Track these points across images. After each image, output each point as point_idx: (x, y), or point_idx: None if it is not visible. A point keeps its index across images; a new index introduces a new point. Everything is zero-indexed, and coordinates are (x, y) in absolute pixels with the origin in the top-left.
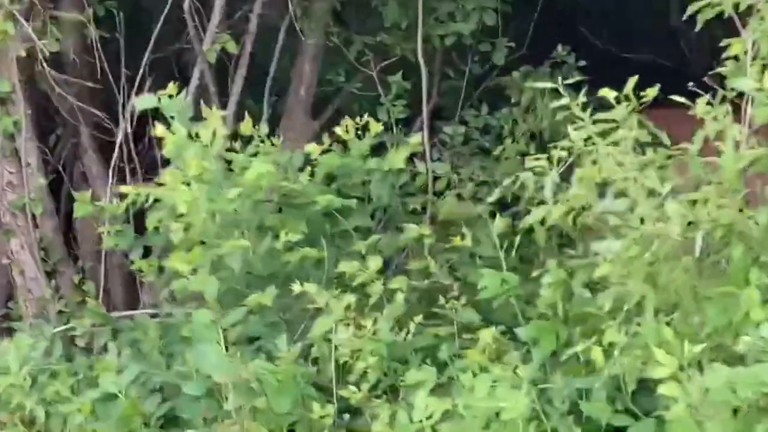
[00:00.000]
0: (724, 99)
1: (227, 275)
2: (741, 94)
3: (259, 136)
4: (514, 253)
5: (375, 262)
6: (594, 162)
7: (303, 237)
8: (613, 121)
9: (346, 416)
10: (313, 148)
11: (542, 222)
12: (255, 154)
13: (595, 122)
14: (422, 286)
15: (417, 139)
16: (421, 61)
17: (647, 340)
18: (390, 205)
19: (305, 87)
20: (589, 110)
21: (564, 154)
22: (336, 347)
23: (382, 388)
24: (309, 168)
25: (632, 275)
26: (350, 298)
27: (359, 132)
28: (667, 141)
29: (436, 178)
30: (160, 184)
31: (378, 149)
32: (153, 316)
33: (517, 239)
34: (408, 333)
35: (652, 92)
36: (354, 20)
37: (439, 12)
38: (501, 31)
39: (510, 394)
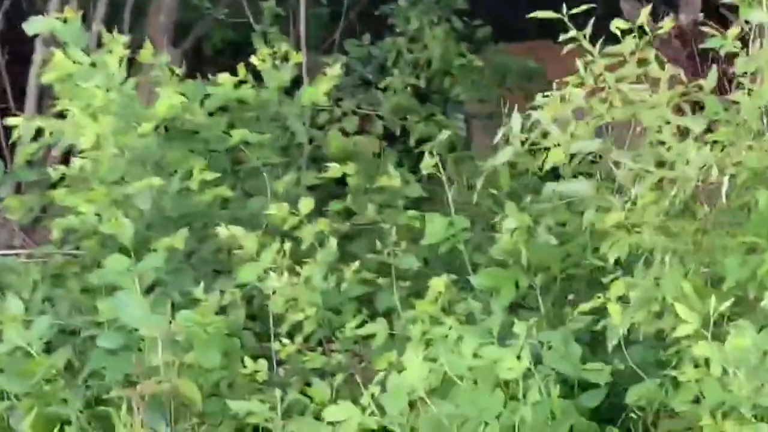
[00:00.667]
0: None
1: (133, 217)
2: None
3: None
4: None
5: (306, 204)
6: (605, 101)
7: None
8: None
9: (281, 371)
10: (225, 79)
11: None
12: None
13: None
14: (353, 228)
15: (337, 70)
16: None
17: (665, 293)
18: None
19: (165, 12)
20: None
21: (576, 91)
22: (268, 296)
23: (316, 340)
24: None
25: (645, 224)
26: (281, 245)
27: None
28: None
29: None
30: (60, 116)
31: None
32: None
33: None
34: (342, 281)
35: (668, 25)
36: None
37: None
38: None
39: (502, 352)
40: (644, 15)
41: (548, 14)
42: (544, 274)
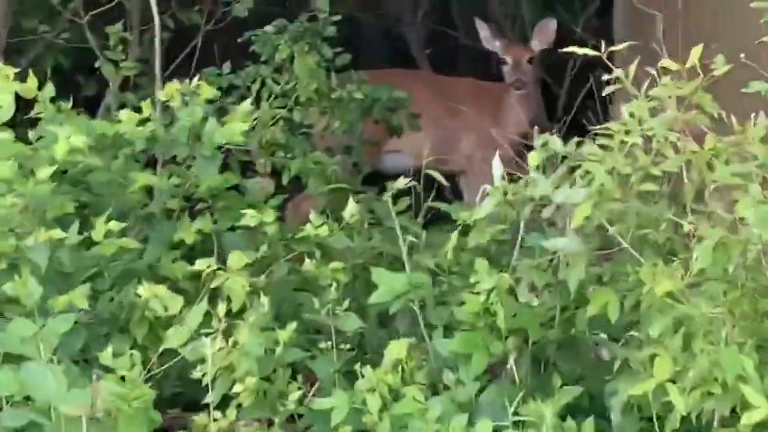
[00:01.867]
0: None
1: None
2: None
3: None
4: None
5: (237, 259)
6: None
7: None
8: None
9: None
10: (128, 117)
11: None
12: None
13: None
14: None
15: (247, 107)
16: (155, 7)
17: (725, 373)
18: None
19: None
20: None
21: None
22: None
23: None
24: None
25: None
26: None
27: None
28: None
29: None
30: None
31: None
32: None
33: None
34: (277, 345)
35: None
36: None
37: None
38: None
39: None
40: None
41: None
42: (517, 338)
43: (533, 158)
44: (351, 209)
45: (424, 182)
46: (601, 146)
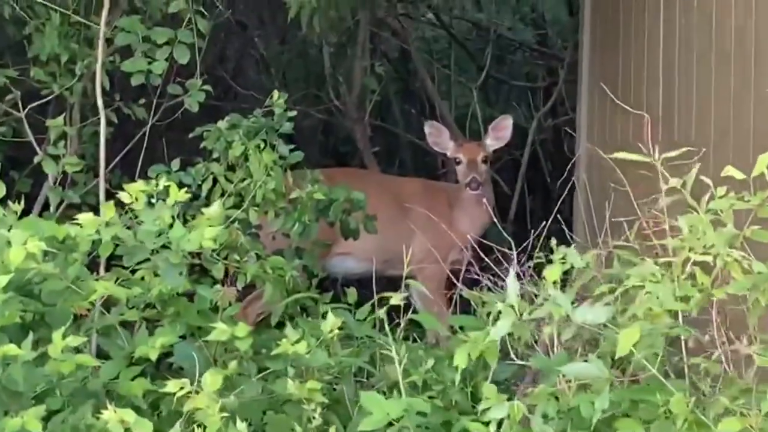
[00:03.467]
0: None
1: None
2: None
3: None
4: None
5: (212, 381)
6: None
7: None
8: None
9: None
10: (87, 221)
11: None
12: None
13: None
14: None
15: (216, 210)
16: (100, 100)
17: None
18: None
19: None
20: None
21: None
22: None
23: None
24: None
25: None
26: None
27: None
28: None
29: None
30: None
31: None
32: None
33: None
34: None
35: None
36: None
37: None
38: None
39: None
40: None
41: None
42: None
43: (552, 274)
44: (330, 324)
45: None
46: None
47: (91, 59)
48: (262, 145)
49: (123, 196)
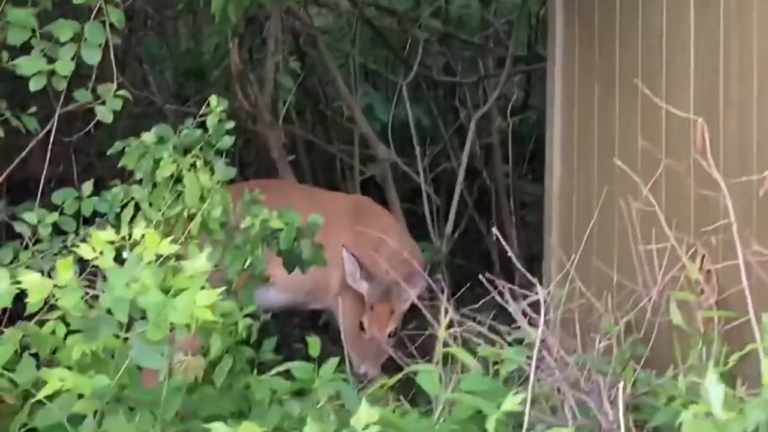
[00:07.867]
0: None
1: None
2: None
3: None
4: None
5: None
6: None
7: None
8: None
9: None
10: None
11: None
12: None
13: None
14: None
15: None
16: None
17: None
18: None
19: None
20: None
21: None
22: None
23: None
24: None
25: None
26: None
27: None
28: None
29: None
30: None
31: None
32: None
33: None
34: None
35: None
36: None
37: None
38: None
39: None
40: None
41: None
42: None
43: None
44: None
45: None
46: None
47: None
48: (198, 164)
49: (83, 250)
